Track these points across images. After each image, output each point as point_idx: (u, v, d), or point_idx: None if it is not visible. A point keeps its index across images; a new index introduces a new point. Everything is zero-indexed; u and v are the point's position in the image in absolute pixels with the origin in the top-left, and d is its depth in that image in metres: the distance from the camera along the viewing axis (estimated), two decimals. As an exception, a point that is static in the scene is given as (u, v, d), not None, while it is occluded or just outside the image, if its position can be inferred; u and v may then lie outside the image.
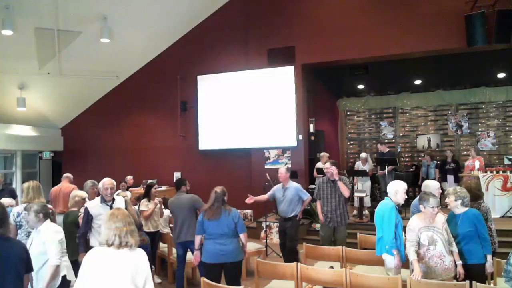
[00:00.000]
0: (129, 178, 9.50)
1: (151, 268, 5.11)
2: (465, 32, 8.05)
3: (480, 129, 12.30)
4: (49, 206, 4.32)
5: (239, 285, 3.77)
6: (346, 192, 5.53)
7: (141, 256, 2.70)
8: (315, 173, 9.04)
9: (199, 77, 10.65)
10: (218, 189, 4.35)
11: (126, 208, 4.47)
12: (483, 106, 12.29)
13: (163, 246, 6.31)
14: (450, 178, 9.68)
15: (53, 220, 3.96)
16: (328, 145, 12.18)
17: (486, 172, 8.13)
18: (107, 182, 4.43)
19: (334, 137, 13.73)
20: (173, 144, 10.97)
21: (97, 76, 10.49)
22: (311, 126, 10.43)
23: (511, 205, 7.68)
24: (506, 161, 8.47)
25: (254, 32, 10.05)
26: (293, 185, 5.85)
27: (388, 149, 10.12)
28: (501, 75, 11.31)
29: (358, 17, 9.11)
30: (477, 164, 8.47)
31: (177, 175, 10.89)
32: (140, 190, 9.12)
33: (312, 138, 10.51)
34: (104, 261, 2.59)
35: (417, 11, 8.61)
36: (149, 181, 9.98)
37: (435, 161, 10.41)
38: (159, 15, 9.60)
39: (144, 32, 9.89)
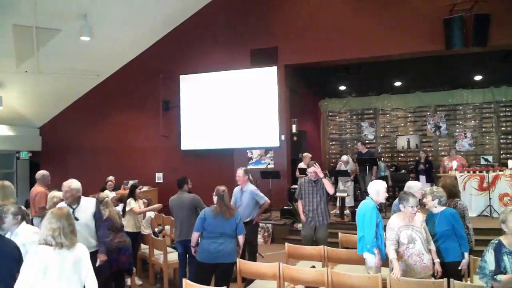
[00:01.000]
0: (111, 178, 9.34)
1: (132, 270, 5.08)
2: (444, 35, 8.24)
3: (457, 130, 12.59)
4: (23, 207, 4.20)
5: (228, 286, 3.78)
6: (330, 189, 5.58)
7: (81, 252, 2.86)
8: (297, 173, 9.09)
9: (181, 76, 10.58)
10: (224, 187, 4.37)
11: (97, 210, 4.29)
12: (461, 107, 12.59)
13: (144, 248, 6.25)
14: (422, 178, 9.93)
15: (28, 222, 3.85)
16: (310, 145, 12.27)
17: (463, 172, 8.33)
18: (64, 185, 4.17)
19: (317, 137, 13.83)
20: (155, 144, 10.87)
21: (77, 75, 10.29)
22: (294, 126, 10.50)
23: (487, 204, 7.89)
24: (482, 162, 8.70)
25: (237, 32, 10.05)
26: (250, 188, 5.74)
27: (367, 150, 10.25)
28: (478, 78, 11.61)
29: (341, 19, 9.22)
30: (454, 164, 8.67)
31: (159, 175, 10.81)
32: (121, 191, 9.03)
33: (295, 138, 10.58)
34: (47, 261, 2.70)
35: (398, 14, 8.78)
36: (131, 182, 9.91)
37: None
38: (141, 14, 9.49)
39: (125, 30, 9.76)
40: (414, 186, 4.43)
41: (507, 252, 2.83)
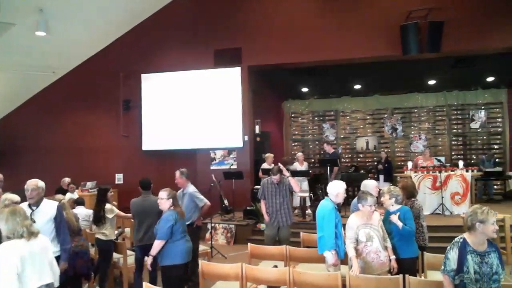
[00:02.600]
0: (67, 180, 8.98)
1: (90, 275, 4.92)
2: (400, 41, 8.58)
3: (412, 132, 13.16)
4: None
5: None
6: (296, 187, 5.72)
7: (44, 240, 3.16)
8: (260, 173, 9.14)
9: (143, 75, 10.37)
10: (169, 189, 4.35)
11: (58, 214, 4.11)
12: (416, 110, 13.17)
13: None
14: (381, 177, 10.37)
15: None
16: (273, 146, 12.37)
17: (417, 172, 8.71)
18: (30, 183, 3.99)
19: (280, 138, 13.99)
20: (115, 144, 10.57)
21: (31, 71, 9.84)
22: (257, 127, 10.56)
23: (440, 203, 8.29)
24: (436, 162, 9.13)
25: (201, 32, 9.99)
26: (190, 190, 5.58)
27: (333, 150, 10.49)
28: (431, 82, 12.17)
29: (304, 22, 9.38)
30: (409, 164, 9.04)
31: (119, 176, 10.53)
32: (79, 192, 8.73)
33: (258, 139, 10.64)
34: (21, 253, 2.87)
35: (358, 19, 9.06)
36: (89, 183, 9.59)
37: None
38: (101, 10, 9.21)
39: (84, 26, 9.43)
40: (369, 185, 4.60)
41: (471, 250, 2.91)
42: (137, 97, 10.43)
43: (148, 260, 4.21)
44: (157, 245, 4.12)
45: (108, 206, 5.31)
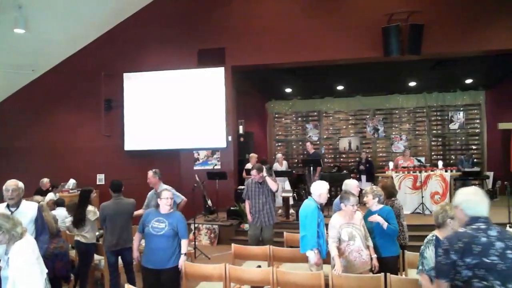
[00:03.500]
0: (46, 181, 8.81)
1: (70, 277, 4.83)
2: (382, 43, 8.71)
3: (393, 133, 13.37)
4: None
5: None
6: (274, 186, 5.70)
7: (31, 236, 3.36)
8: (244, 174, 9.15)
9: (125, 74, 10.23)
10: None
11: (39, 215, 4.03)
12: (397, 111, 13.38)
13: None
14: (363, 177, 10.51)
15: None
16: (257, 146, 12.40)
17: (398, 172, 8.85)
18: (9, 184, 3.88)
19: (263, 138, 14.01)
20: (97, 144, 10.40)
21: (9, 70, 9.60)
22: (241, 127, 10.55)
23: (420, 202, 8.44)
24: (416, 162, 9.29)
25: (184, 31, 9.92)
26: (164, 188, 5.46)
27: (314, 150, 10.56)
28: (412, 84, 12.38)
29: (288, 23, 9.43)
30: (391, 164, 9.18)
31: (100, 177, 10.37)
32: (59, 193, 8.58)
33: (242, 139, 10.64)
34: (33, 247, 3.12)
35: (341, 21, 9.16)
36: (67, 183, 9.42)
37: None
38: (82, 8, 9.05)
39: (64, 24, 9.25)
40: (350, 184, 4.66)
41: None
42: (119, 96, 10.28)
43: (182, 259, 4.17)
44: (187, 244, 4.26)
45: (90, 208, 5.20)
